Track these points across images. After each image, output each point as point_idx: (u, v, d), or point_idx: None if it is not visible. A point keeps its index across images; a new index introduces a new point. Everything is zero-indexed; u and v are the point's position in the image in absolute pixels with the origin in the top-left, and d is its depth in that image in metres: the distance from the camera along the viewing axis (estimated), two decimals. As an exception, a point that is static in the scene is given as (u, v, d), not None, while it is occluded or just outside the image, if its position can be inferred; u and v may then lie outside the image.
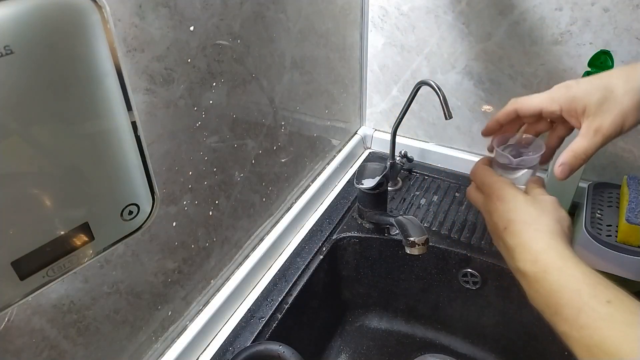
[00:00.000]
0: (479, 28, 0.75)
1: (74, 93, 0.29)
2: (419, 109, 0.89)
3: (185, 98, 0.50)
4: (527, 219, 0.44)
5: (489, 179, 0.49)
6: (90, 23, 0.28)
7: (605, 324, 0.35)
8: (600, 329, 0.35)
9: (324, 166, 0.87)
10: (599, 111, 0.45)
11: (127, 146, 0.33)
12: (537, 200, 0.46)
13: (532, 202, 0.45)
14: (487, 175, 0.50)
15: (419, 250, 0.60)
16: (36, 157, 0.29)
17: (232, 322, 0.65)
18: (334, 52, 0.79)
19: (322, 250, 0.76)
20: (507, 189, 0.47)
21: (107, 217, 0.34)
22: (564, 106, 0.47)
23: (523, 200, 0.45)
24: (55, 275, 0.32)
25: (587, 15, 0.66)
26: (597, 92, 0.45)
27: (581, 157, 0.46)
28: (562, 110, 0.48)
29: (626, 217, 0.61)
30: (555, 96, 0.48)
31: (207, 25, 0.50)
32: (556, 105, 0.48)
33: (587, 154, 0.46)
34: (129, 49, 0.42)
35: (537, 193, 0.47)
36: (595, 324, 0.35)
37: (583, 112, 0.46)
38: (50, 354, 0.43)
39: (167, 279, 0.55)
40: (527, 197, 0.46)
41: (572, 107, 0.47)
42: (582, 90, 0.46)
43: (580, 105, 0.46)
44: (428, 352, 0.80)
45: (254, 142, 0.64)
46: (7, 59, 0.25)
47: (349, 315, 0.86)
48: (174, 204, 0.53)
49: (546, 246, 0.41)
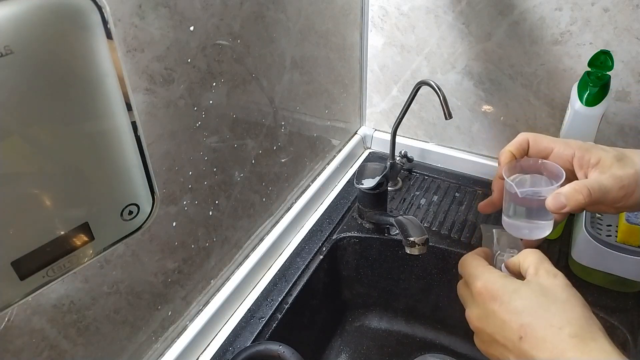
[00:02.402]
0: (479, 28, 0.75)
1: (73, 93, 0.29)
2: (419, 109, 0.89)
3: (185, 98, 0.50)
4: (551, 318, 0.34)
5: (474, 270, 0.39)
6: (90, 23, 0.28)
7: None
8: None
9: (324, 166, 0.87)
10: (614, 165, 0.41)
11: (127, 146, 0.33)
12: (544, 283, 0.36)
13: (539, 290, 0.36)
14: (473, 265, 0.40)
15: (419, 250, 0.60)
16: (36, 157, 0.29)
17: (232, 322, 0.65)
18: (334, 52, 0.79)
19: (322, 250, 0.76)
20: (501, 281, 0.37)
21: (107, 217, 0.34)
22: (578, 153, 0.43)
23: (532, 290, 0.36)
24: (55, 275, 0.32)
25: (587, 15, 0.66)
26: (614, 151, 0.43)
27: (582, 191, 0.40)
28: (575, 157, 0.44)
29: (626, 217, 0.61)
30: (570, 142, 0.45)
31: (207, 25, 0.50)
32: (570, 150, 0.44)
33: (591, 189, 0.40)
34: (129, 49, 0.42)
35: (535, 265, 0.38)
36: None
37: (597, 164, 0.42)
38: (50, 354, 0.43)
39: (167, 279, 0.55)
40: (531, 284, 0.36)
41: (586, 157, 0.43)
42: (598, 147, 0.44)
43: (595, 157, 0.42)
44: (428, 352, 0.80)
45: (254, 142, 0.64)
46: (7, 59, 0.25)
47: (349, 315, 0.86)
48: (174, 204, 0.53)
49: (581, 355, 0.32)
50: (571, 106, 0.63)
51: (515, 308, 0.35)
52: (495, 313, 0.36)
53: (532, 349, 0.33)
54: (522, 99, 0.78)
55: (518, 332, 0.34)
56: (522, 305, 0.35)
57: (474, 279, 0.39)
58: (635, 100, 0.69)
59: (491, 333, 0.36)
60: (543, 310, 0.34)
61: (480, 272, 0.39)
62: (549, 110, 0.77)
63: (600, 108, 0.61)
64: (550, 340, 0.33)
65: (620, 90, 0.69)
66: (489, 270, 0.39)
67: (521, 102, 0.79)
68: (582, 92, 0.61)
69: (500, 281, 0.37)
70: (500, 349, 0.36)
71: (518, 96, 0.78)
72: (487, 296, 0.37)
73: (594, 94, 0.60)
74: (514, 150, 0.47)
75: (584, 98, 0.61)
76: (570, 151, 0.44)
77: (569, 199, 0.40)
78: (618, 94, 0.70)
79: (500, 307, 0.36)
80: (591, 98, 0.61)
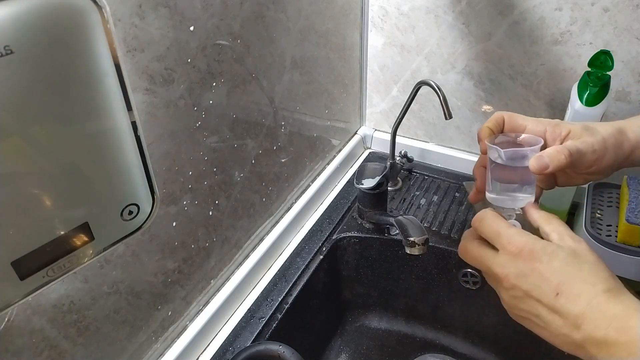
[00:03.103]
0: (479, 28, 0.75)
1: (74, 93, 0.29)
2: (419, 109, 0.89)
3: (185, 98, 0.50)
4: (585, 276, 0.37)
5: (505, 230, 0.41)
6: (90, 23, 0.28)
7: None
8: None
9: (324, 166, 0.87)
10: (584, 134, 0.46)
11: (127, 146, 0.33)
12: (573, 247, 0.39)
13: (572, 252, 0.39)
14: (502, 225, 0.42)
15: (419, 250, 0.60)
16: (36, 157, 0.29)
17: (232, 322, 0.65)
18: (334, 52, 0.79)
19: (322, 250, 0.76)
20: (539, 243, 0.40)
21: (107, 217, 0.34)
22: (549, 128, 0.48)
23: (567, 252, 0.39)
24: (55, 275, 0.32)
25: (587, 15, 0.66)
26: (580, 124, 0.47)
27: (563, 151, 0.43)
28: (547, 132, 0.48)
29: (626, 217, 0.61)
30: (542, 120, 0.49)
31: (207, 25, 0.50)
32: (542, 126, 0.48)
33: (570, 150, 0.44)
34: (129, 49, 0.42)
35: (559, 232, 0.41)
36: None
37: (567, 134, 0.46)
38: (50, 354, 0.43)
39: (167, 279, 0.55)
40: (563, 248, 0.39)
41: (557, 130, 0.47)
42: (566, 122, 0.48)
43: (565, 129, 0.47)
44: (428, 352, 0.80)
45: (254, 142, 0.64)
46: (7, 59, 0.25)
47: (349, 315, 0.86)
48: (174, 204, 0.53)
49: (626, 308, 0.35)
50: (571, 106, 0.63)
51: (553, 267, 0.38)
52: (535, 271, 0.38)
53: (567, 303, 0.37)
54: (522, 99, 0.78)
55: (555, 289, 0.37)
56: (559, 265, 0.38)
57: (511, 238, 0.41)
58: (635, 100, 0.69)
59: (527, 290, 0.39)
60: (577, 270, 0.38)
61: (514, 232, 0.41)
62: (549, 110, 0.77)
63: (600, 108, 0.61)
64: (585, 295, 0.36)
65: (620, 90, 0.70)
66: (521, 232, 0.41)
67: (521, 102, 0.79)
68: (582, 92, 0.61)
69: (539, 243, 0.40)
70: (532, 303, 0.39)
71: (518, 96, 0.78)
72: (528, 255, 0.39)
73: (594, 94, 0.60)
74: (491, 126, 0.50)
75: (584, 98, 0.61)
76: (542, 127, 0.48)
77: (552, 159, 0.43)
78: (618, 94, 0.70)
79: (540, 266, 0.38)
80: (591, 98, 0.61)
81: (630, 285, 0.65)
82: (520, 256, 0.39)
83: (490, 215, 0.44)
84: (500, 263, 0.41)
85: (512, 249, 0.40)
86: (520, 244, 0.40)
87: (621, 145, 0.46)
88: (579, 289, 0.37)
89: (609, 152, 0.45)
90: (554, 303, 0.37)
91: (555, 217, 0.43)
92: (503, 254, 0.41)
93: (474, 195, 0.52)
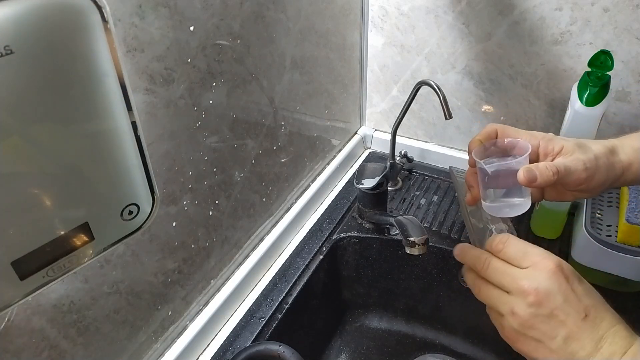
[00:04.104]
0: (479, 28, 0.75)
1: (74, 93, 0.29)
2: (419, 109, 0.89)
3: (185, 98, 0.50)
4: (602, 301, 0.40)
5: (532, 249, 0.42)
6: (90, 23, 0.28)
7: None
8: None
9: (324, 166, 0.87)
10: (576, 151, 0.46)
11: (127, 146, 0.33)
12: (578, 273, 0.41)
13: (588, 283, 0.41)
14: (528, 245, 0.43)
15: (419, 250, 0.60)
16: (36, 157, 0.29)
17: (232, 322, 0.65)
18: (334, 52, 0.79)
19: (322, 250, 0.76)
20: (569, 265, 0.41)
21: (107, 217, 0.34)
22: (542, 143, 0.48)
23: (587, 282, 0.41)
24: (55, 275, 0.32)
25: (587, 15, 0.66)
26: (574, 140, 0.47)
27: (551, 169, 0.44)
28: (540, 146, 0.48)
29: (626, 217, 0.61)
30: (535, 134, 0.49)
31: (207, 25, 0.50)
32: (535, 140, 0.48)
33: (558, 168, 0.44)
34: (129, 49, 0.42)
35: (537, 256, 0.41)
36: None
37: (560, 151, 0.47)
38: (50, 354, 0.43)
39: (167, 279, 0.55)
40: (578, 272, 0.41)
41: (550, 146, 0.47)
42: (560, 137, 0.48)
43: (558, 145, 0.47)
44: (428, 352, 0.80)
45: (254, 142, 0.64)
46: (7, 59, 0.25)
47: (349, 315, 0.86)
48: (174, 204, 0.53)
49: (631, 335, 0.38)
50: (571, 106, 0.63)
51: (584, 291, 0.39)
52: (567, 291, 0.39)
53: (593, 326, 0.38)
54: (522, 99, 0.78)
55: (584, 311, 0.38)
56: (588, 289, 0.40)
57: (544, 256, 0.41)
58: (635, 100, 0.69)
59: (554, 308, 0.38)
60: (599, 297, 0.40)
61: (543, 252, 0.41)
62: (549, 110, 0.77)
63: (600, 108, 0.61)
64: (608, 321, 0.38)
65: (620, 90, 0.69)
66: (549, 253, 0.41)
67: (521, 102, 0.79)
68: (582, 92, 0.61)
69: (569, 265, 0.41)
70: (554, 324, 0.38)
71: (518, 96, 0.78)
72: (561, 275, 0.39)
73: (594, 94, 0.60)
74: (482, 139, 0.50)
75: (584, 98, 0.61)
76: (535, 141, 0.48)
77: (542, 173, 0.44)
78: (618, 94, 0.70)
79: (572, 287, 0.39)
80: (591, 98, 0.61)
81: (630, 285, 0.65)
82: (554, 275, 0.39)
83: (513, 237, 0.43)
84: (530, 277, 0.40)
85: (548, 265, 0.40)
86: (554, 263, 0.40)
87: (613, 165, 0.46)
88: (604, 314, 0.38)
89: (600, 171, 0.45)
90: (579, 324, 0.38)
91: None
92: (534, 270, 0.40)
93: (471, 200, 0.52)
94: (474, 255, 0.45)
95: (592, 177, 0.45)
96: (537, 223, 0.76)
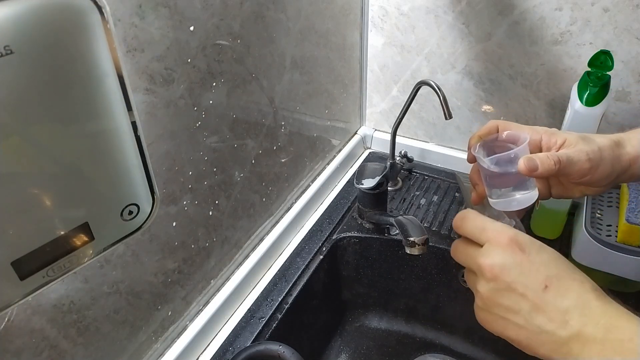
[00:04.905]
0: (479, 28, 0.75)
1: (74, 93, 0.29)
2: (419, 109, 0.89)
3: (185, 98, 0.50)
4: (573, 272, 0.37)
5: (490, 224, 0.41)
6: (90, 23, 0.28)
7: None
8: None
9: (324, 166, 0.87)
10: (579, 143, 0.45)
11: (127, 146, 0.33)
12: (553, 249, 0.39)
13: (556, 251, 0.39)
14: (486, 220, 0.41)
15: (419, 250, 0.60)
16: (36, 157, 0.29)
17: (232, 322, 0.65)
18: (334, 52, 0.79)
19: (322, 250, 0.76)
20: (527, 237, 0.39)
21: (107, 217, 0.34)
22: (545, 137, 0.47)
23: (552, 250, 0.39)
24: (55, 275, 0.32)
25: (587, 15, 0.66)
26: (577, 133, 0.47)
27: (553, 157, 0.43)
28: (542, 140, 0.47)
29: (626, 217, 0.61)
30: (537, 128, 0.49)
31: (207, 25, 0.50)
32: (537, 134, 0.48)
33: (560, 157, 0.43)
34: (129, 49, 0.42)
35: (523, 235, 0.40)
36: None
37: (563, 143, 0.46)
38: (50, 354, 0.43)
39: (167, 279, 0.55)
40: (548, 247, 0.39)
41: (553, 139, 0.47)
42: (563, 131, 0.48)
43: (561, 138, 0.46)
44: (428, 352, 0.80)
45: (254, 142, 0.64)
46: (7, 59, 0.25)
47: (349, 315, 0.86)
48: (174, 204, 0.53)
49: (615, 308, 0.35)
50: (571, 106, 0.63)
51: (542, 260, 0.37)
52: (522, 263, 0.37)
53: (556, 297, 0.35)
54: (522, 99, 0.78)
55: (544, 282, 0.36)
56: (547, 258, 0.38)
57: (498, 230, 0.39)
58: (635, 100, 0.69)
59: (510, 282, 0.37)
60: (565, 266, 0.37)
61: (500, 226, 0.40)
62: (549, 110, 0.77)
63: (600, 108, 0.61)
64: (575, 290, 0.35)
65: (620, 90, 0.69)
66: (507, 225, 0.40)
67: (521, 102, 0.79)
68: (582, 92, 0.61)
69: (526, 236, 0.39)
70: (515, 298, 0.37)
71: (518, 96, 0.78)
72: (516, 247, 0.38)
73: (594, 94, 0.60)
74: (483, 135, 0.50)
75: (584, 98, 0.61)
76: (538, 136, 0.47)
77: (542, 162, 0.43)
78: (618, 94, 0.70)
79: (528, 258, 0.37)
80: (591, 98, 0.61)
81: (630, 285, 0.65)
82: (507, 247, 0.38)
83: (471, 213, 0.43)
84: (485, 253, 0.39)
85: (499, 240, 0.39)
86: (508, 236, 0.39)
87: (619, 157, 0.45)
88: (569, 284, 0.36)
89: (604, 163, 0.44)
90: (540, 296, 0.36)
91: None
92: (489, 246, 0.39)
93: (476, 198, 0.52)
94: (456, 246, 0.45)
95: (596, 168, 0.44)
96: (537, 223, 0.76)
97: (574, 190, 0.48)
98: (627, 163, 0.45)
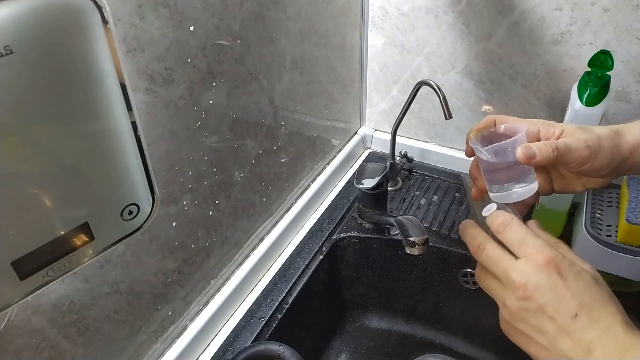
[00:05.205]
0: (479, 28, 0.75)
1: (74, 93, 0.29)
2: (419, 109, 0.89)
3: (185, 98, 0.50)
4: (606, 304, 0.36)
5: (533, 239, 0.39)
6: (90, 23, 0.28)
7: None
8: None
9: (324, 166, 0.87)
10: (577, 132, 0.45)
11: (127, 146, 0.33)
12: (592, 273, 0.38)
13: (594, 277, 0.38)
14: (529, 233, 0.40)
15: (419, 250, 0.60)
16: (36, 157, 0.29)
17: (232, 322, 0.65)
18: (334, 52, 0.79)
19: (322, 250, 0.76)
20: (567, 261, 0.38)
21: (107, 217, 0.34)
22: (542, 128, 0.47)
23: (590, 276, 0.38)
24: (55, 275, 0.32)
25: (587, 15, 0.66)
26: (576, 124, 0.46)
27: (550, 145, 0.43)
28: (540, 132, 0.47)
29: (626, 217, 0.61)
30: (535, 120, 0.48)
31: (207, 25, 0.50)
32: (535, 126, 0.47)
33: (558, 145, 0.43)
34: (129, 49, 0.42)
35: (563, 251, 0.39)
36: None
37: (561, 133, 0.46)
38: (50, 354, 0.43)
39: (167, 279, 0.55)
40: (588, 271, 0.38)
41: (550, 130, 0.46)
42: (561, 123, 0.47)
43: (559, 128, 0.46)
44: (428, 352, 0.80)
45: (254, 142, 0.64)
46: (7, 59, 0.25)
47: (349, 315, 0.86)
48: (174, 204, 0.53)
49: (631, 338, 0.34)
50: (571, 106, 0.63)
51: (578, 288, 0.37)
52: (557, 287, 0.37)
53: (584, 326, 0.35)
54: (522, 99, 0.78)
55: (575, 310, 0.36)
56: (583, 287, 0.37)
57: (539, 248, 0.39)
58: (635, 100, 0.69)
59: (542, 304, 0.37)
60: (599, 296, 0.37)
61: (542, 243, 0.39)
62: (549, 110, 0.77)
63: (600, 108, 0.61)
64: (604, 322, 0.35)
65: (620, 90, 0.69)
66: (548, 244, 0.39)
67: (521, 102, 0.79)
68: (582, 92, 0.61)
69: (566, 260, 0.38)
70: (543, 320, 0.37)
71: (518, 96, 0.78)
72: (553, 270, 0.37)
73: (594, 94, 0.60)
74: (481, 129, 0.50)
75: (584, 98, 0.61)
76: (536, 127, 0.47)
77: (540, 150, 0.43)
78: (618, 94, 0.70)
79: (565, 283, 0.37)
80: (591, 98, 0.61)
81: (630, 285, 0.65)
82: (545, 269, 0.37)
83: (516, 221, 0.42)
84: (521, 270, 0.38)
85: (537, 259, 0.38)
86: (548, 256, 0.38)
87: (618, 146, 0.45)
88: (599, 315, 0.36)
89: (604, 151, 0.44)
90: (569, 323, 0.36)
91: (562, 242, 0.42)
92: (526, 262, 0.39)
93: (477, 193, 0.51)
94: (472, 234, 0.44)
95: (596, 156, 0.43)
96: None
97: (575, 183, 0.48)
98: (628, 151, 0.45)
